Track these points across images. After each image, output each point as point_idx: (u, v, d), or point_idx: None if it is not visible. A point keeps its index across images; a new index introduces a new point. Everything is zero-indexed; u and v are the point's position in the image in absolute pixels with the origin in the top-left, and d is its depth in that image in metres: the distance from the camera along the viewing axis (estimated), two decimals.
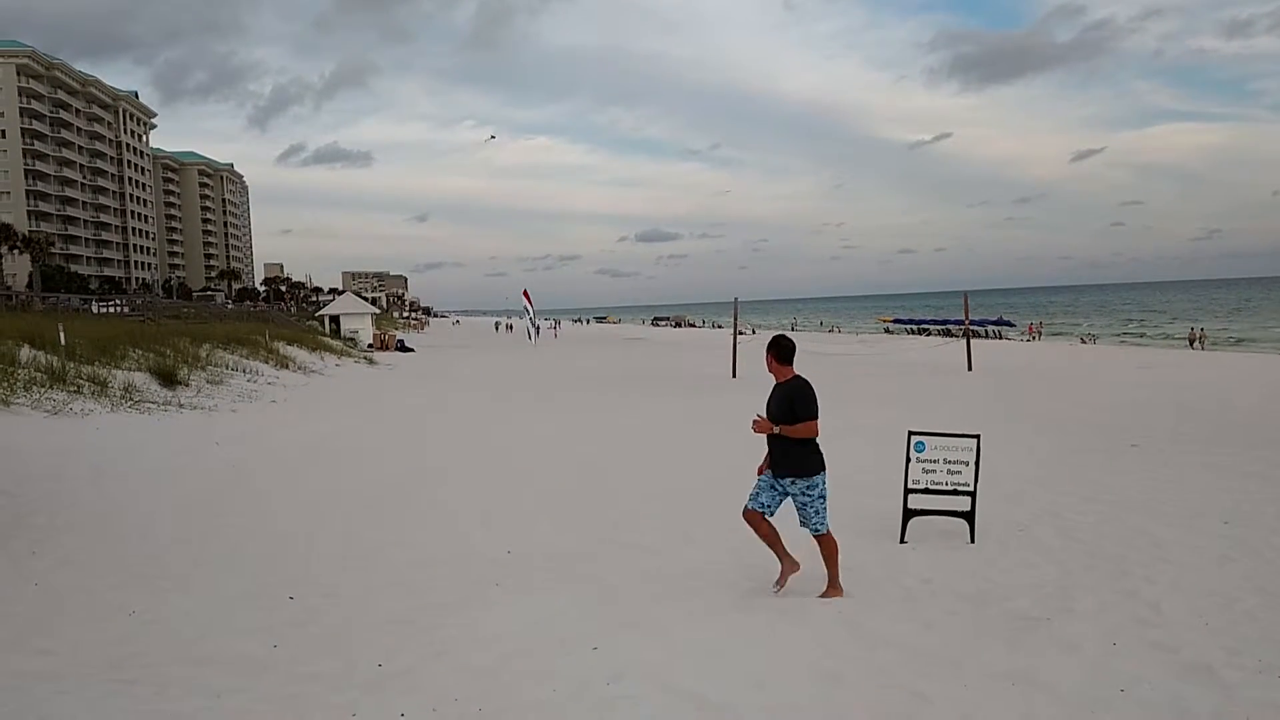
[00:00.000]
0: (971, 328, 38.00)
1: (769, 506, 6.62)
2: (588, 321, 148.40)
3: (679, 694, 4.84)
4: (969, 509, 8.05)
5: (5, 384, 14.84)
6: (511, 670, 5.18)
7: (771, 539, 6.67)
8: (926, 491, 8.03)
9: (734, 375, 29.25)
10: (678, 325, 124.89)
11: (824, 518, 6.49)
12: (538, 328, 63.80)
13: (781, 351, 6.81)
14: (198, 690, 4.94)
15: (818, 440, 6.61)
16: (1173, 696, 4.79)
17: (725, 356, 32.16)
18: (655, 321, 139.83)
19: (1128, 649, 5.45)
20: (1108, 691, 4.86)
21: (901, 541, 8.02)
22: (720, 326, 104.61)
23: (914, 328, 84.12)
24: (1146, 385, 24.58)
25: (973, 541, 7.96)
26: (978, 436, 8.09)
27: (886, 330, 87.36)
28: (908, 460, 8.04)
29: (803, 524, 6.56)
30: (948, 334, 65.20)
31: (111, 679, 5.08)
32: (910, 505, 8.09)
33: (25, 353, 17.91)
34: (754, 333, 74.94)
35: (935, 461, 8.02)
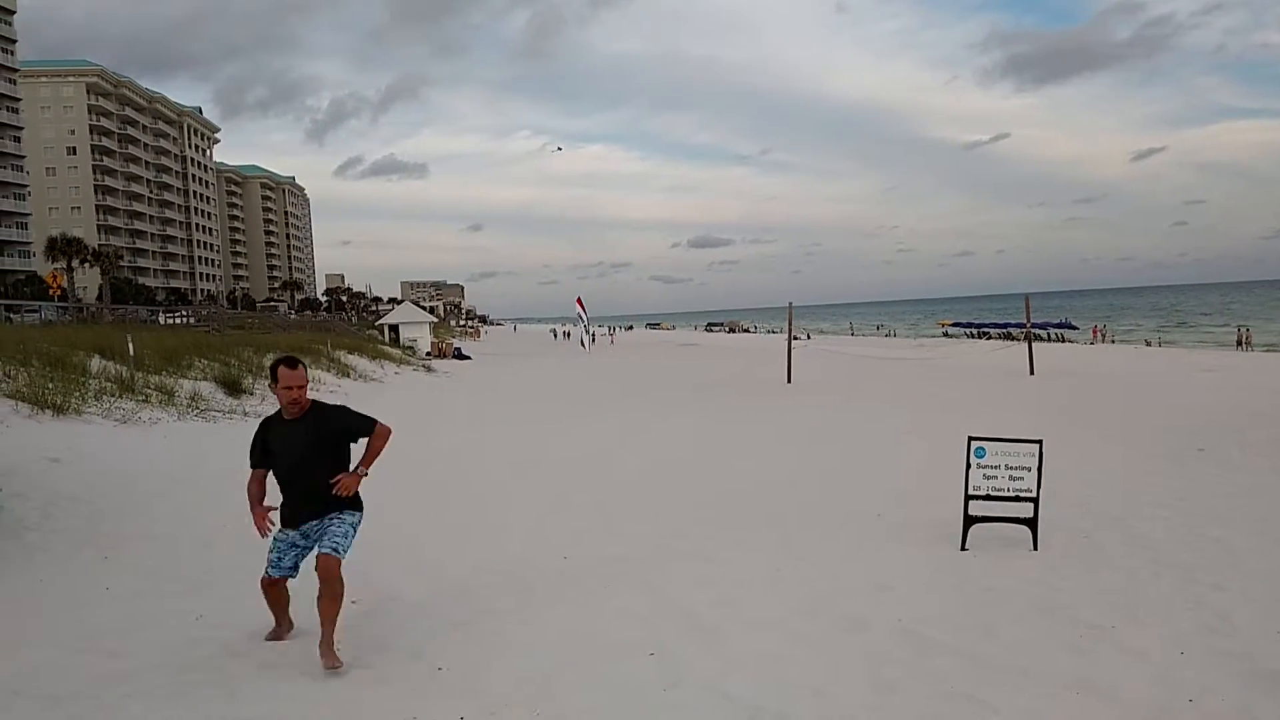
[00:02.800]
0: (1033, 331, 37.36)
1: (294, 567, 5.81)
2: (628, 329, 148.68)
3: (735, 702, 4.83)
4: (1031, 515, 7.92)
5: (77, 394, 15.26)
6: (568, 675, 5.21)
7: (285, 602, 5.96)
8: (988, 498, 7.91)
9: (789, 380, 29.12)
10: (731, 331, 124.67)
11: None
12: (592, 335, 64.12)
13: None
14: (262, 694, 5.04)
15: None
16: (1243, 707, 4.67)
17: (780, 362, 32.01)
18: (709, 327, 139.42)
19: (1196, 658, 5.32)
20: (1176, 701, 4.75)
21: (962, 549, 7.91)
22: (774, 332, 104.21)
23: (974, 331, 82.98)
24: (1212, 389, 23.96)
25: (1035, 548, 7.82)
26: (1040, 442, 7.96)
27: (946, 334, 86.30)
28: (968, 466, 7.93)
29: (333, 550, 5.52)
30: (1009, 337, 64.18)
31: (180, 681, 5.20)
32: (971, 512, 7.97)
33: (96, 363, 18.43)
34: (809, 338, 74.61)
35: (997, 467, 7.90)
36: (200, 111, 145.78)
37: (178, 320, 54.36)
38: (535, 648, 5.68)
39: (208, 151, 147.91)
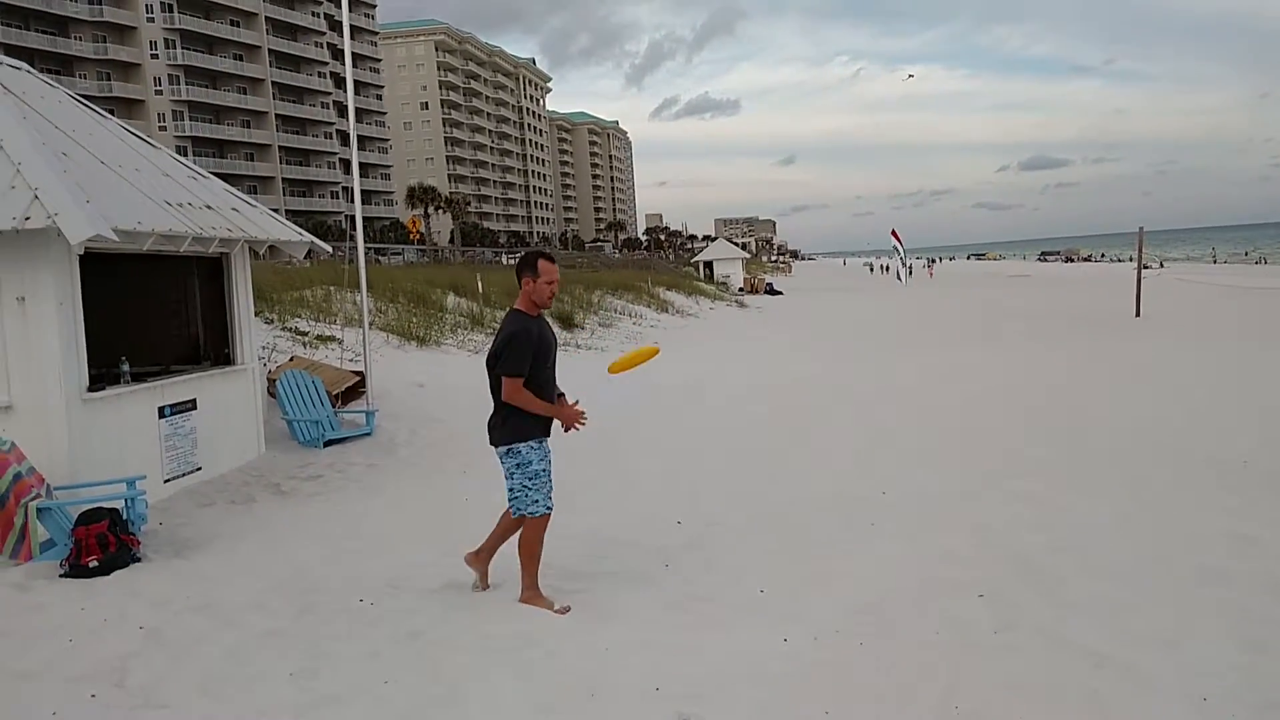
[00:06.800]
0: None
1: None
2: (949, 259, 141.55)
3: (1074, 649, 4.56)
4: None
5: (436, 327, 17.09)
6: (891, 609, 5.15)
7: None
8: None
9: (1138, 314, 26.64)
10: (1069, 260, 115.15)
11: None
12: (909, 267, 61.88)
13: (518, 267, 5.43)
14: (591, 605, 5.40)
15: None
16: None
17: (1127, 294, 29.33)
18: (1042, 257, 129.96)
19: None
20: None
21: None
22: (1121, 260, 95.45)
23: None
24: None
25: None
26: None
27: None
28: None
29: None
30: None
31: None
32: None
33: (451, 300, 20.46)
34: (1162, 266, 67.68)
35: None
36: (534, 63, 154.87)
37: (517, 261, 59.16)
38: (857, 580, 5.66)
39: (541, 101, 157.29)
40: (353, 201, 10.82)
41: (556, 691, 4.28)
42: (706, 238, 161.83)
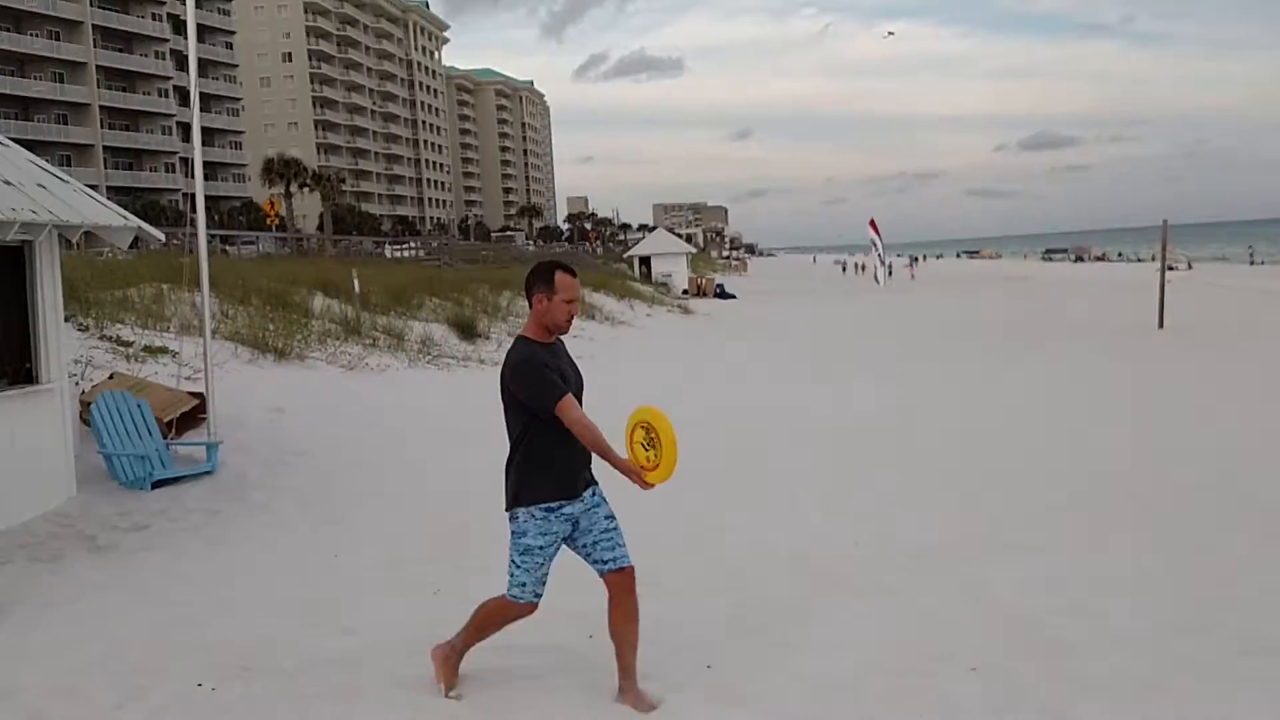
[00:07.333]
0: None
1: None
2: (936, 258, 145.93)
3: None
4: None
5: (300, 336, 16.81)
6: (866, 687, 5.16)
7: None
8: None
9: (1160, 325, 27.38)
10: (1079, 259, 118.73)
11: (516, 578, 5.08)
12: (888, 266, 63.30)
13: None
14: (508, 678, 5.37)
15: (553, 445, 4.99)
16: None
17: (1148, 301, 30.12)
18: (1047, 255, 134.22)
19: None
20: None
21: None
22: (1141, 260, 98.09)
23: None
24: None
25: None
26: None
27: None
28: None
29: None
30: None
31: (416, 663, 5.56)
32: None
33: (319, 302, 20.21)
34: (1190, 267, 69.75)
35: None
36: (427, 5, 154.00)
37: (405, 253, 58.96)
38: (821, 650, 5.70)
39: (435, 54, 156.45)
40: (193, 176, 10.58)
41: None
42: (643, 227, 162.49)
